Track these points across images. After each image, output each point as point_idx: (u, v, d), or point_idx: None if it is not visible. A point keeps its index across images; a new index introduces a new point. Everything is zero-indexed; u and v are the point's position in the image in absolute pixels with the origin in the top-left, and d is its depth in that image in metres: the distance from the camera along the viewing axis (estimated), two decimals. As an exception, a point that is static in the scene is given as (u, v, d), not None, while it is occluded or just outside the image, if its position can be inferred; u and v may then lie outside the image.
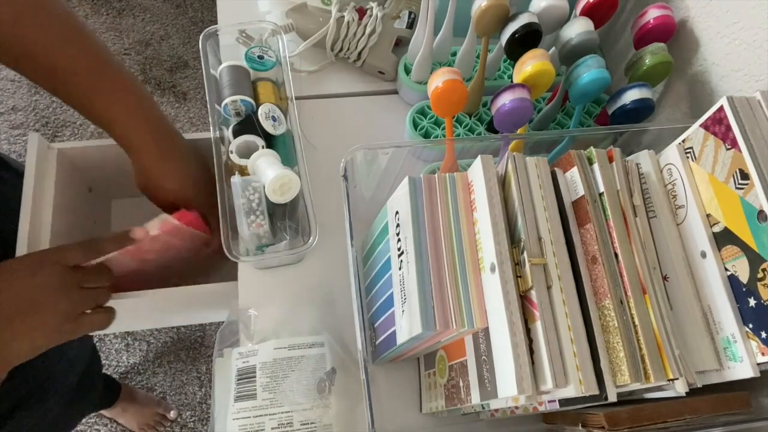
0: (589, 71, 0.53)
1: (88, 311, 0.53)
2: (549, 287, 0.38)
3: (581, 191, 0.41)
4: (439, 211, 0.42)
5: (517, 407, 0.44)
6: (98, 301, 0.54)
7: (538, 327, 0.37)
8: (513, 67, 0.54)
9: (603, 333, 0.38)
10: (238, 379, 0.50)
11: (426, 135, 0.64)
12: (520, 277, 0.38)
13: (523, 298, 0.38)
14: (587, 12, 0.55)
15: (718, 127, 0.41)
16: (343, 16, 0.66)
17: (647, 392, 0.42)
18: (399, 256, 0.42)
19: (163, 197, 0.58)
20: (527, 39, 0.53)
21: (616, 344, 0.37)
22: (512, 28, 0.53)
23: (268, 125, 0.53)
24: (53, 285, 0.49)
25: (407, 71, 0.66)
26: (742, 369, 0.39)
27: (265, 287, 0.57)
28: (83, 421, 1.23)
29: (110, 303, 0.61)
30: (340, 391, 0.50)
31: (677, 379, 0.38)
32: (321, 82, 0.69)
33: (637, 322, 0.38)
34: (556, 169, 0.43)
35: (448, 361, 0.46)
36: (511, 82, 0.57)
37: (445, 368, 0.46)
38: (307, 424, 0.48)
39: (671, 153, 0.45)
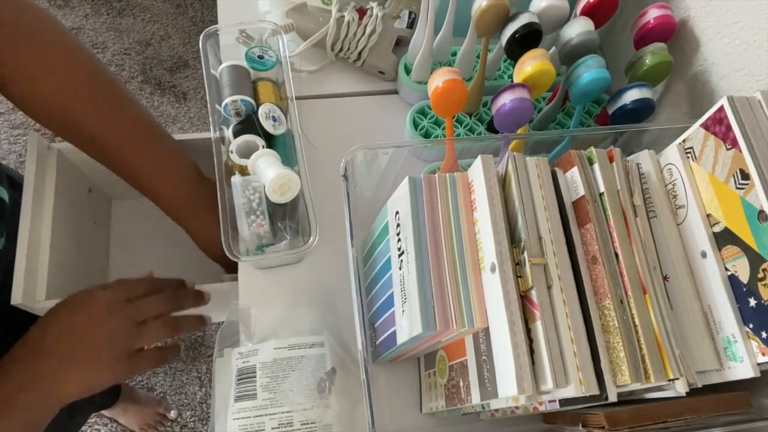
0: (590, 71, 0.53)
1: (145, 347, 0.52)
2: (549, 287, 0.38)
3: (581, 191, 0.41)
4: (439, 211, 0.42)
5: (517, 407, 0.44)
6: (157, 336, 0.52)
7: (539, 327, 0.37)
8: (513, 67, 0.54)
9: (603, 333, 0.38)
10: (238, 379, 0.50)
11: (426, 135, 0.64)
12: (520, 277, 0.38)
13: (524, 298, 0.38)
14: (587, 12, 0.55)
15: (718, 127, 0.41)
16: (343, 16, 0.66)
17: (647, 392, 0.42)
18: (399, 256, 0.42)
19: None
20: (527, 39, 0.53)
21: (616, 344, 0.37)
22: (512, 28, 0.53)
23: (268, 125, 0.53)
24: (108, 325, 0.49)
25: (407, 71, 0.66)
26: (742, 369, 0.39)
27: (265, 287, 0.57)
28: (83, 421, 1.24)
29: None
30: (340, 391, 0.50)
31: (677, 379, 0.38)
32: (321, 82, 0.69)
33: (637, 322, 0.38)
34: (556, 169, 0.43)
35: (448, 361, 0.46)
36: (511, 82, 0.57)
37: (445, 368, 0.46)
38: (308, 424, 0.48)
39: (671, 153, 0.45)
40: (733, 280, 0.40)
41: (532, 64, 0.51)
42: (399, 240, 0.43)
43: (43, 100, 0.53)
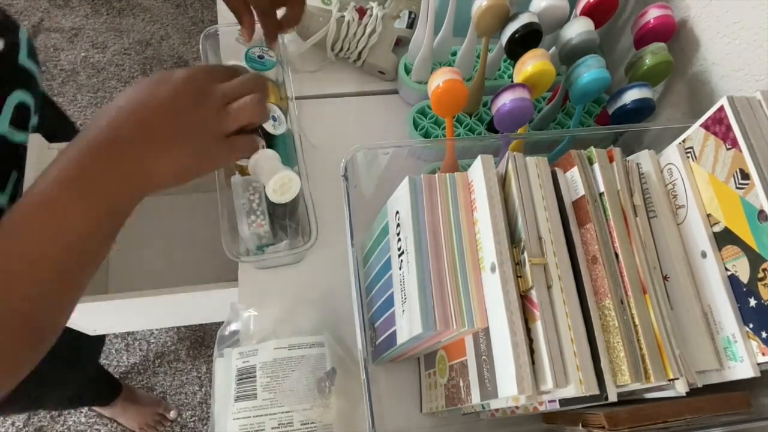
0: (590, 71, 0.53)
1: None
2: (549, 287, 0.38)
3: (581, 191, 0.41)
4: (439, 210, 0.42)
5: (517, 407, 0.44)
6: (252, 115, 0.44)
7: (539, 327, 0.37)
8: (513, 67, 0.54)
9: (603, 333, 0.38)
10: (239, 379, 0.50)
11: (426, 135, 0.64)
12: (520, 276, 0.38)
13: (524, 298, 0.38)
14: (587, 12, 0.55)
15: (718, 126, 0.41)
16: (343, 16, 0.66)
17: (647, 392, 0.42)
18: (399, 255, 0.42)
19: None
20: (527, 39, 0.53)
21: (616, 344, 0.37)
22: (512, 27, 0.53)
23: (268, 125, 0.53)
24: (198, 104, 0.41)
25: (407, 71, 0.66)
26: (742, 369, 0.39)
27: (265, 287, 0.57)
28: (83, 421, 1.24)
29: (112, 302, 0.61)
30: (340, 391, 0.50)
31: (677, 379, 0.38)
32: (321, 82, 0.69)
33: (637, 322, 0.38)
34: (556, 168, 0.43)
35: (448, 361, 0.46)
36: (512, 81, 0.57)
37: (445, 368, 0.46)
38: (308, 424, 0.48)
39: (671, 153, 0.45)
40: (733, 280, 0.40)
41: (532, 64, 0.51)
42: (399, 240, 0.43)
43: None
